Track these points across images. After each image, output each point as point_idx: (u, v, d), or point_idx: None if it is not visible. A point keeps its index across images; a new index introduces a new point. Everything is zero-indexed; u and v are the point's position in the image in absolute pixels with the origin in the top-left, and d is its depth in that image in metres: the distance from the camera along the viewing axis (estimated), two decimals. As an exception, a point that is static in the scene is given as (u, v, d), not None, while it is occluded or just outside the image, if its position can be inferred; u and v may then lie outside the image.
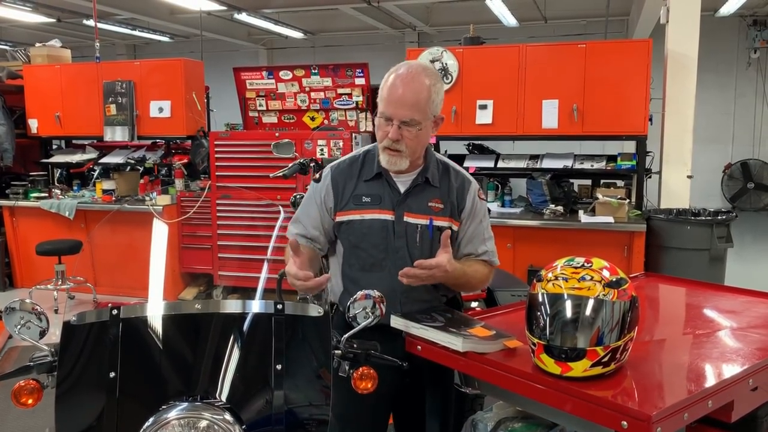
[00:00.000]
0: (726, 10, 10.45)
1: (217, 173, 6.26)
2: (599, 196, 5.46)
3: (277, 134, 5.86)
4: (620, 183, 5.87)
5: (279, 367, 1.54)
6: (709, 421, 1.68)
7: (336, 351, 1.67)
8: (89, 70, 6.96)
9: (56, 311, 6.02)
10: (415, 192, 2.13)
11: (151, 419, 1.43)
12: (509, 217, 5.61)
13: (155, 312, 1.58)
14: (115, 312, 1.52)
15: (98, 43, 7.09)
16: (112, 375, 1.48)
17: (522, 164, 5.99)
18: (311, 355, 1.63)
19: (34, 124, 7.23)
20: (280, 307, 1.59)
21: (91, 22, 9.79)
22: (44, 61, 7.44)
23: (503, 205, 5.99)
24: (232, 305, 1.63)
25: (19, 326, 1.53)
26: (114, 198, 6.72)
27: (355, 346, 1.70)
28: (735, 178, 12.21)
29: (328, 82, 6.62)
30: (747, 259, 7.97)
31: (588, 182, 6.11)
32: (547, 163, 5.89)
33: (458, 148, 6.61)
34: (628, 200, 5.45)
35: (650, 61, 5.27)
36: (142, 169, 7.07)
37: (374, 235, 2.11)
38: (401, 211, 2.11)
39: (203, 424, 1.42)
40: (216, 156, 6.25)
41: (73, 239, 6.36)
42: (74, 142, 7.70)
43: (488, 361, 1.77)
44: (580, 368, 1.59)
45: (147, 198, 6.53)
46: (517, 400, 1.87)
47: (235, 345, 1.56)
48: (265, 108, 6.98)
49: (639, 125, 5.33)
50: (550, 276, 1.69)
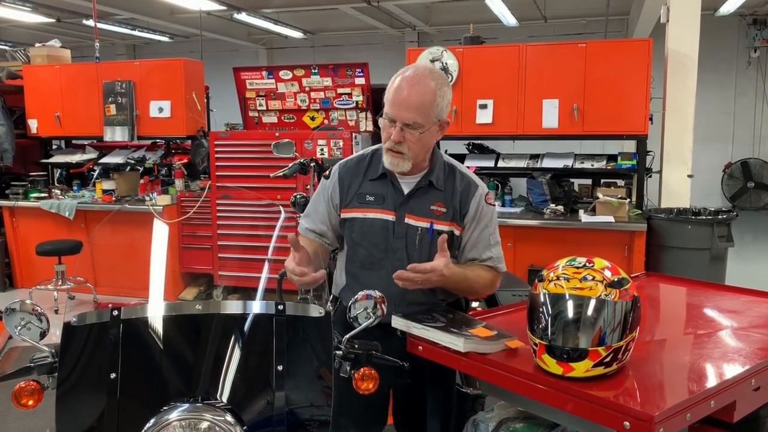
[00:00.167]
0: (726, 10, 10.45)
1: (217, 173, 6.25)
2: (600, 195, 5.46)
3: (277, 134, 5.85)
4: (621, 182, 5.86)
5: (280, 367, 1.53)
6: (711, 421, 1.67)
7: (337, 351, 1.67)
8: (89, 70, 6.95)
9: (56, 311, 6.02)
10: (418, 194, 2.14)
11: (152, 420, 1.42)
12: (509, 217, 5.60)
13: (156, 313, 1.57)
14: (115, 313, 1.52)
15: (98, 43, 7.08)
16: (113, 376, 1.48)
17: (522, 164, 5.98)
18: (312, 355, 1.62)
19: (33, 125, 7.23)
20: (281, 307, 1.58)
21: (90, 22, 9.79)
22: (44, 61, 7.44)
23: (503, 205, 5.98)
24: (233, 306, 1.63)
25: (20, 327, 1.53)
26: (114, 198, 6.71)
27: (356, 346, 1.70)
28: (735, 178, 12.20)
29: (328, 81, 6.62)
30: (747, 259, 7.97)
31: (588, 182, 6.11)
32: (547, 163, 5.89)
33: (458, 147, 6.61)
34: (628, 200, 5.45)
35: (650, 61, 5.26)
36: (142, 169, 7.06)
37: (375, 234, 2.12)
38: (402, 213, 2.12)
39: (204, 425, 1.42)
40: (216, 156, 6.25)
41: (73, 239, 6.36)
42: (74, 142, 7.69)
43: (490, 362, 1.77)
44: (581, 368, 1.59)
45: (147, 198, 6.53)
46: (518, 400, 1.87)
47: (236, 346, 1.56)
48: (265, 108, 6.97)
49: (639, 125, 5.33)
50: (551, 276, 1.69)
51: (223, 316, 1.61)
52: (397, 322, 2.00)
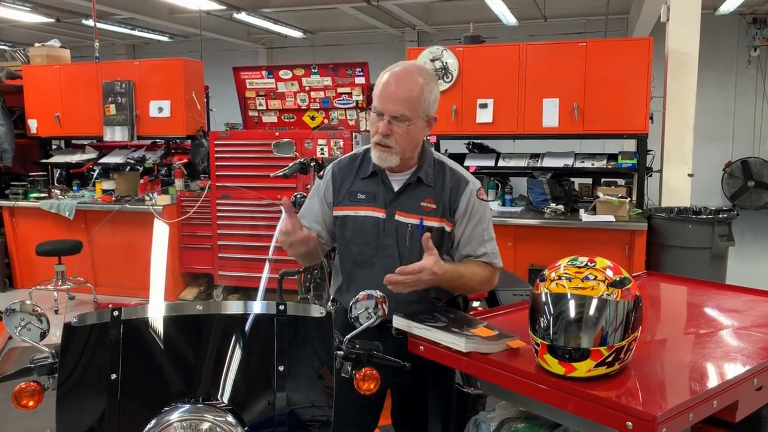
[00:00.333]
0: (726, 9, 10.44)
1: (217, 173, 6.24)
2: (600, 194, 5.45)
3: (277, 134, 5.85)
4: (621, 182, 5.86)
5: (281, 368, 1.53)
6: (713, 420, 1.67)
7: (338, 351, 1.66)
8: (89, 70, 6.94)
9: (56, 312, 6.01)
10: (408, 191, 2.15)
11: (153, 421, 1.42)
12: (510, 216, 5.60)
13: (156, 313, 1.57)
14: (116, 313, 1.51)
15: (97, 43, 7.08)
16: (114, 377, 1.47)
17: (522, 163, 5.97)
18: (313, 356, 1.62)
19: (33, 125, 7.22)
20: (282, 308, 1.58)
21: (90, 22, 9.79)
22: (43, 61, 7.43)
23: (504, 204, 5.98)
24: (233, 306, 1.62)
25: (20, 328, 1.52)
26: (114, 198, 6.70)
27: (357, 346, 1.69)
28: (735, 177, 12.21)
29: (328, 81, 6.61)
30: (747, 258, 7.96)
31: (589, 181, 6.10)
32: (547, 162, 5.88)
33: (458, 147, 6.60)
34: (629, 199, 5.44)
35: (651, 60, 5.25)
36: (141, 169, 7.05)
37: (366, 232, 2.13)
38: (393, 210, 2.13)
39: (205, 426, 1.41)
40: (216, 156, 6.24)
41: (73, 239, 6.35)
42: (74, 142, 7.68)
43: (491, 362, 1.76)
44: (584, 368, 1.58)
45: (147, 198, 6.52)
46: (520, 400, 1.87)
47: (237, 346, 1.56)
48: (264, 107, 6.97)
49: (640, 124, 5.32)
50: (553, 276, 1.68)
51: (224, 316, 1.60)
52: (398, 322, 1.99)
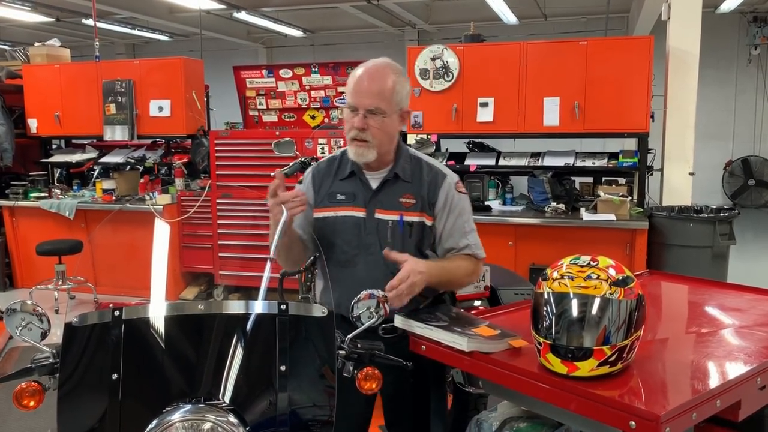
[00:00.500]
0: (726, 7, 10.44)
1: (217, 172, 6.24)
2: (601, 193, 5.45)
3: (277, 133, 5.84)
4: (622, 180, 5.85)
5: (283, 368, 1.52)
6: (716, 420, 1.66)
7: (340, 351, 1.66)
8: (89, 70, 6.94)
9: (57, 311, 6.01)
10: (386, 188, 2.16)
11: (155, 421, 1.41)
12: (510, 215, 5.59)
13: (158, 313, 1.56)
14: (117, 313, 1.51)
15: (98, 43, 7.07)
16: (115, 377, 1.47)
17: (523, 162, 5.97)
18: (315, 355, 1.62)
19: (33, 124, 7.21)
20: (284, 307, 1.57)
21: (90, 22, 9.79)
22: (43, 61, 7.43)
23: (504, 203, 5.97)
24: (235, 306, 1.62)
25: (20, 327, 1.52)
26: (114, 197, 6.70)
27: (359, 346, 1.69)
28: (736, 175, 12.20)
29: (328, 80, 6.61)
30: (748, 257, 7.95)
31: (590, 180, 6.09)
32: (548, 161, 5.87)
33: (459, 146, 6.59)
34: (629, 198, 5.44)
35: (652, 58, 5.25)
36: (142, 168, 7.05)
37: (347, 232, 2.14)
38: (372, 208, 2.14)
39: (207, 426, 1.41)
40: (216, 155, 6.23)
41: (74, 239, 6.35)
42: (74, 141, 7.68)
43: (493, 361, 1.76)
44: (586, 368, 1.58)
45: (147, 197, 6.51)
46: (522, 399, 1.86)
47: (239, 346, 1.55)
48: (265, 107, 6.96)
49: (641, 122, 5.32)
50: (555, 275, 1.68)
51: (226, 316, 1.60)
52: (400, 322, 1.99)
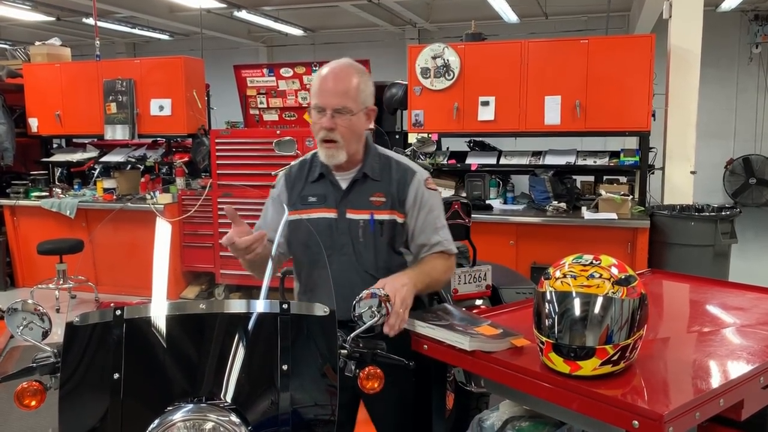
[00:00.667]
0: (727, 6, 10.43)
1: (218, 171, 6.23)
2: (602, 192, 5.44)
3: (278, 132, 5.84)
4: (623, 179, 5.85)
5: (285, 367, 1.52)
6: (718, 419, 1.66)
7: (342, 350, 1.65)
8: (89, 69, 6.94)
9: (58, 311, 6.01)
10: (356, 188, 2.17)
11: (156, 421, 1.41)
12: (512, 214, 5.59)
13: (159, 312, 1.56)
14: (118, 312, 1.50)
15: (98, 42, 7.06)
16: (116, 376, 1.46)
17: (524, 161, 5.97)
18: (317, 354, 1.61)
19: (34, 123, 7.21)
20: (285, 306, 1.57)
21: (90, 21, 9.78)
22: (44, 60, 7.43)
23: (505, 202, 5.97)
24: (236, 305, 1.62)
25: (22, 327, 1.51)
26: (115, 197, 6.70)
27: (361, 345, 1.69)
28: (737, 174, 12.19)
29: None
30: (749, 255, 7.95)
31: (591, 178, 6.09)
32: (549, 160, 5.87)
33: (460, 144, 6.59)
34: (631, 196, 5.43)
35: (653, 57, 5.24)
36: (142, 167, 7.05)
37: (320, 234, 2.14)
38: (343, 208, 2.15)
39: (209, 425, 1.40)
40: (217, 154, 6.23)
41: (75, 238, 6.35)
42: (75, 140, 7.68)
43: (495, 360, 1.75)
44: (589, 367, 1.57)
45: (148, 197, 6.51)
46: (524, 399, 1.85)
47: (240, 345, 1.55)
48: (266, 105, 6.95)
49: (642, 121, 5.31)
50: (558, 274, 1.67)
51: (227, 315, 1.60)
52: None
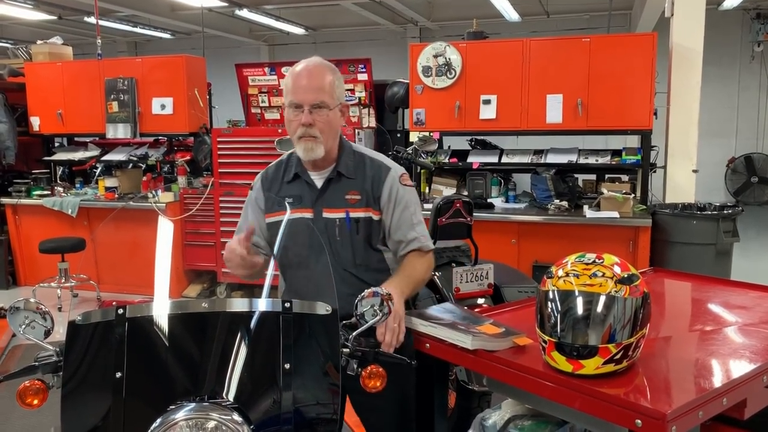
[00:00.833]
0: (729, 4, 10.41)
1: (219, 170, 6.23)
2: (604, 190, 5.43)
3: (279, 130, 5.83)
4: (625, 178, 5.84)
5: (287, 366, 1.52)
6: (721, 418, 1.66)
7: (344, 349, 1.65)
8: (91, 68, 6.94)
9: (60, 309, 6.02)
10: (331, 187, 2.18)
11: (159, 420, 1.41)
12: (513, 213, 5.58)
13: (162, 311, 1.55)
14: (120, 311, 1.50)
15: (100, 40, 7.06)
16: (119, 375, 1.46)
17: (526, 159, 5.96)
18: (319, 353, 1.61)
19: (36, 122, 7.21)
20: (287, 305, 1.57)
21: (92, 19, 9.77)
22: (46, 59, 7.43)
23: (507, 201, 5.96)
24: (239, 304, 1.61)
25: (24, 326, 1.51)
26: (117, 195, 6.70)
27: (363, 344, 1.68)
28: (738, 172, 12.17)
29: (330, 77, 6.59)
30: (751, 254, 7.94)
31: (592, 177, 6.08)
32: (551, 158, 5.86)
33: (461, 143, 6.58)
34: (633, 195, 5.42)
35: (655, 55, 5.23)
36: (144, 166, 7.05)
37: (299, 234, 2.15)
38: (319, 208, 2.17)
39: (211, 424, 1.40)
40: (219, 153, 6.23)
41: (76, 237, 6.36)
42: (76, 139, 7.67)
43: (498, 359, 1.75)
44: (592, 366, 1.57)
45: (150, 195, 6.51)
46: (527, 397, 1.85)
47: (242, 344, 1.54)
48: (267, 104, 6.95)
49: (644, 119, 5.30)
50: (560, 273, 1.67)
51: (229, 314, 1.59)
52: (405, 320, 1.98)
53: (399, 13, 12.43)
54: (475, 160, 6.02)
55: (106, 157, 7.18)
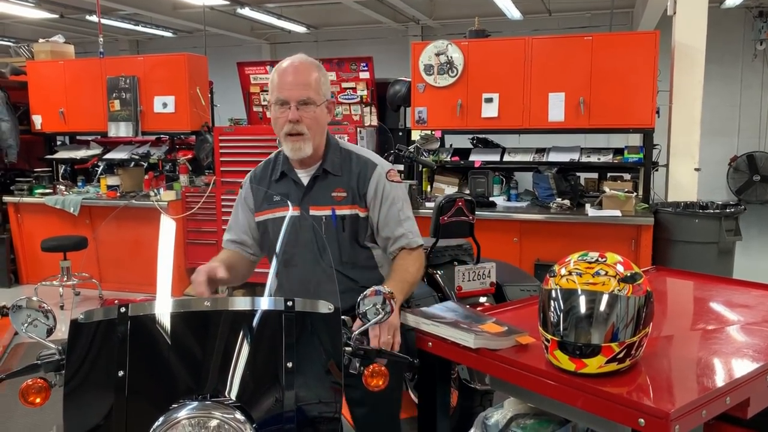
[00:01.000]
0: (732, 2, 10.40)
1: (221, 168, 6.24)
2: (606, 189, 5.43)
3: (281, 129, 5.82)
4: (627, 176, 5.83)
5: (290, 364, 1.51)
6: (724, 417, 1.65)
7: (346, 348, 1.65)
8: (93, 66, 6.94)
9: (62, 307, 6.03)
10: (318, 184, 2.19)
11: (161, 419, 1.40)
12: (515, 211, 5.58)
13: (164, 309, 1.55)
14: (123, 310, 1.50)
15: (102, 39, 7.07)
16: (121, 374, 1.46)
17: (528, 158, 5.95)
18: (322, 352, 1.60)
19: (38, 120, 7.22)
20: (290, 303, 1.56)
21: (94, 18, 9.78)
22: (48, 57, 7.43)
23: (509, 199, 5.96)
24: (241, 302, 1.61)
25: (26, 324, 1.51)
26: (119, 194, 6.71)
27: (365, 342, 1.68)
28: (741, 171, 12.16)
29: (332, 76, 6.59)
30: (754, 253, 7.94)
31: (595, 176, 6.08)
32: (553, 157, 5.85)
33: (463, 141, 6.58)
34: (635, 193, 5.42)
35: (657, 54, 5.22)
36: (146, 164, 7.05)
37: (288, 233, 2.12)
38: (306, 205, 2.17)
39: (214, 423, 1.40)
40: (220, 151, 6.23)
41: (78, 235, 6.36)
42: (78, 138, 7.68)
43: (501, 358, 1.75)
44: (594, 365, 1.57)
45: (152, 194, 6.52)
46: (529, 396, 1.85)
47: (245, 342, 1.54)
48: (269, 102, 6.95)
49: (646, 118, 5.29)
50: (563, 271, 1.66)
51: (232, 312, 1.59)
52: (407, 319, 1.98)
53: (401, 12, 12.42)
54: (477, 158, 6.01)
55: (108, 156, 7.19)
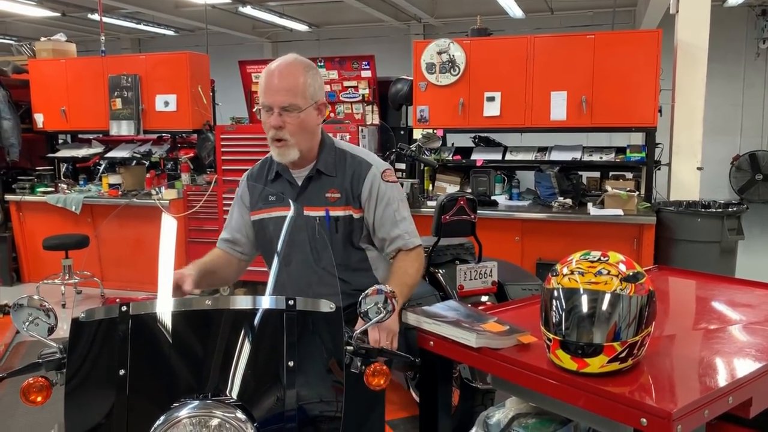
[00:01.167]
0: (734, 1, 10.37)
1: (223, 167, 6.23)
2: (608, 188, 5.42)
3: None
4: (629, 175, 5.82)
5: (291, 363, 1.51)
6: (726, 416, 1.65)
7: (348, 347, 1.64)
8: (94, 64, 6.94)
9: (64, 306, 6.03)
10: (312, 185, 2.18)
11: (162, 418, 1.40)
12: (517, 210, 5.57)
13: (165, 308, 1.55)
14: (124, 308, 1.50)
15: (103, 37, 7.07)
16: (122, 372, 1.46)
17: (530, 156, 5.94)
18: (323, 351, 1.60)
19: (39, 119, 7.22)
20: (291, 302, 1.56)
21: (95, 16, 9.79)
22: (49, 56, 7.43)
23: (511, 198, 5.95)
24: (242, 301, 1.61)
25: (27, 322, 1.51)
26: (120, 192, 6.71)
27: (366, 341, 1.68)
28: (743, 170, 12.14)
29: (334, 74, 6.58)
30: (756, 252, 7.92)
31: (597, 174, 6.07)
32: (555, 156, 5.84)
33: (465, 140, 6.57)
34: (637, 192, 5.41)
35: (660, 52, 5.21)
36: (148, 163, 7.05)
37: (280, 232, 2.13)
38: (300, 206, 2.16)
39: (215, 422, 1.40)
40: (222, 150, 6.22)
41: (80, 234, 6.37)
42: (80, 136, 7.69)
43: (502, 357, 1.74)
44: (596, 364, 1.56)
45: (153, 192, 6.52)
46: (531, 395, 1.85)
47: (246, 341, 1.54)
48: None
49: (648, 117, 5.28)
50: (565, 270, 1.66)
51: (233, 311, 1.59)
52: (409, 317, 1.98)
53: (403, 10, 12.41)
54: (478, 157, 6.01)
55: (110, 154, 7.19)
